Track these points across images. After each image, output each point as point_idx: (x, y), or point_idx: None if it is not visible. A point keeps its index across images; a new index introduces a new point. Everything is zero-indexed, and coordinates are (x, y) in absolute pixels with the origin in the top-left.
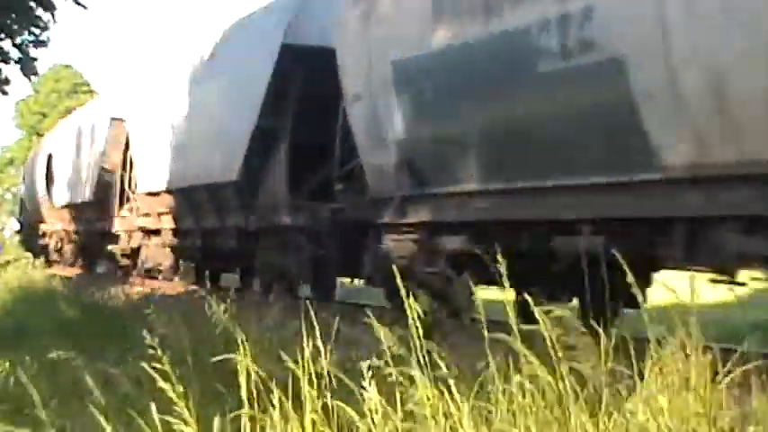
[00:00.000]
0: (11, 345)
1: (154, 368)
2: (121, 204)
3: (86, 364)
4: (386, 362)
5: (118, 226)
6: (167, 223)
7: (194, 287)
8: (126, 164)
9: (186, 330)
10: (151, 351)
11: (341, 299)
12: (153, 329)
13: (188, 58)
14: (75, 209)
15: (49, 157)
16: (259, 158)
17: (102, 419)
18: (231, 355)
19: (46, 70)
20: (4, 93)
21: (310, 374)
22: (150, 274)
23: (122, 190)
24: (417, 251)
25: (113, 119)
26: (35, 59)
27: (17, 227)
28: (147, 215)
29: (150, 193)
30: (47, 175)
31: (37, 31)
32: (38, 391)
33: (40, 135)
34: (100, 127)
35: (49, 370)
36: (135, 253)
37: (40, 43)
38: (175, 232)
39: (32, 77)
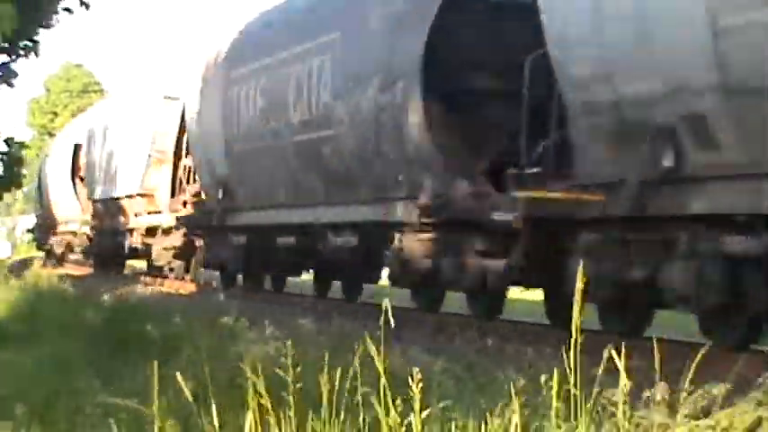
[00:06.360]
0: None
1: None
2: None
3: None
4: None
5: None
6: None
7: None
8: None
9: None
10: None
11: None
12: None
13: None
14: None
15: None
16: None
17: None
18: None
19: (57, 69)
20: (10, 85)
21: None
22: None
23: None
24: None
25: None
26: (37, 42)
27: (30, 225)
28: None
29: None
30: None
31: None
32: None
33: (51, 135)
34: None
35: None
36: None
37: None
38: None
39: (43, 75)
